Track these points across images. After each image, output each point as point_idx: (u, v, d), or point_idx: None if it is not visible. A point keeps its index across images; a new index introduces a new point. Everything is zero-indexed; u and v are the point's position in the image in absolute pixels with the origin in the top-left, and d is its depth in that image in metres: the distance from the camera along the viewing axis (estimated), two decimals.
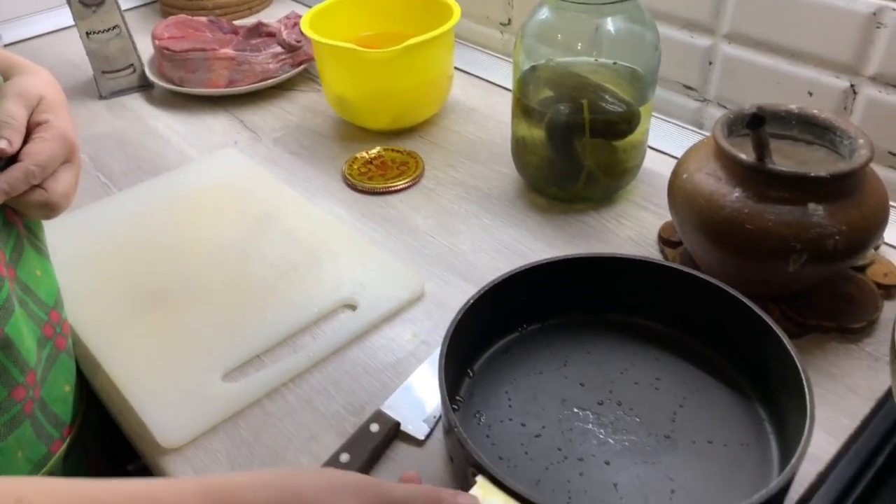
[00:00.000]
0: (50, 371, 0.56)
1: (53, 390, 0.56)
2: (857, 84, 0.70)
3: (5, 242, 0.52)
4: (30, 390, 0.52)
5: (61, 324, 0.57)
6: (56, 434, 0.56)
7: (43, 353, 0.54)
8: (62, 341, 0.57)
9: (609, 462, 0.51)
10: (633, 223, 0.73)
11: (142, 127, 0.95)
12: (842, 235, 0.53)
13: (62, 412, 0.57)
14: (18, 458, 0.52)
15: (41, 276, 0.56)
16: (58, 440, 0.56)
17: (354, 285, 0.66)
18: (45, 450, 0.55)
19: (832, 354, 0.58)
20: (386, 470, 0.52)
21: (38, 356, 0.53)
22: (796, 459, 0.44)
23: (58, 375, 0.57)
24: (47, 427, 0.55)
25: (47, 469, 0.55)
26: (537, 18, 0.70)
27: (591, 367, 0.58)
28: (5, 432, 0.51)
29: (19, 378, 0.51)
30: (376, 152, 0.85)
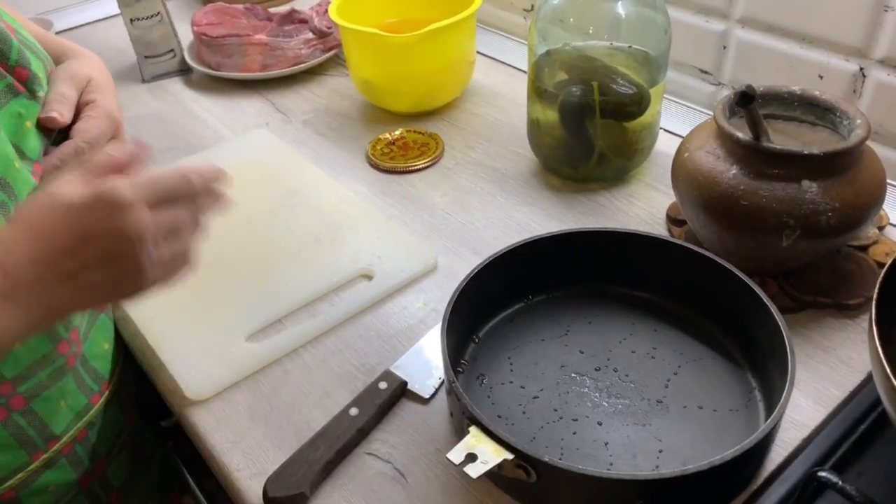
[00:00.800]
0: (91, 330, 0.61)
1: (94, 347, 0.61)
2: (866, 67, 0.71)
3: None
4: (73, 346, 0.58)
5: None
6: (96, 388, 0.61)
7: (85, 313, 0.59)
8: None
9: (602, 423, 0.54)
10: (644, 202, 0.76)
11: (180, 109, 1.00)
12: (834, 212, 0.55)
13: (102, 368, 0.62)
14: (62, 407, 0.58)
15: None
16: (97, 393, 0.61)
17: (372, 257, 0.70)
18: (85, 401, 0.60)
19: (827, 329, 0.60)
20: (392, 424, 0.56)
21: (81, 315, 0.58)
22: (772, 419, 0.46)
23: (98, 334, 0.62)
24: (88, 381, 0.60)
25: (87, 419, 0.60)
26: (551, 3, 0.72)
27: (592, 335, 0.61)
28: (49, 383, 0.56)
29: (64, 334, 0.56)
30: (399, 133, 0.89)
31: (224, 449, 0.55)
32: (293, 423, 0.56)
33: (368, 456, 0.54)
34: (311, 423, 0.56)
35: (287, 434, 0.55)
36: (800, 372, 0.57)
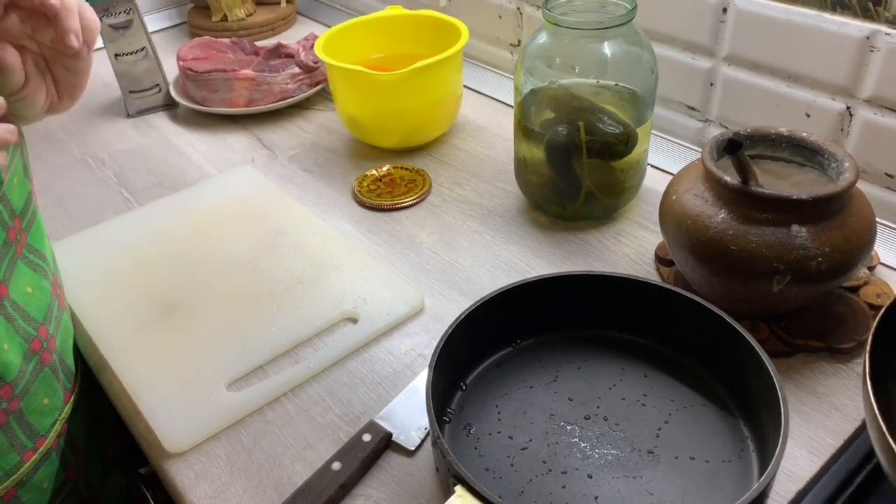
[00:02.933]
0: (33, 384, 0.58)
1: (33, 402, 0.58)
2: (852, 106, 0.70)
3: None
4: (3, 402, 0.54)
5: (49, 339, 0.59)
6: (29, 444, 0.58)
7: (28, 367, 0.56)
8: (48, 356, 0.59)
9: (592, 475, 0.52)
10: (632, 241, 0.75)
11: (165, 144, 0.99)
12: (825, 257, 0.54)
13: (38, 423, 0.59)
14: None
15: (32, 292, 0.58)
16: (30, 450, 0.58)
17: (357, 299, 0.69)
18: (17, 458, 0.57)
19: (820, 374, 0.59)
20: (376, 479, 0.54)
21: (22, 369, 0.55)
22: (766, 476, 0.45)
23: (39, 389, 0.59)
24: (21, 437, 0.57)
25: (17, 477, 0.57)
26: (536, 42, 0.72)
27: (581, 382, 0.59)
28: None
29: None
30: (386, 170, 0.88)
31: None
32: (274, 477, 0.55)
33: None
34: (293, 478, 0.54)
35: (268, 489, 0.54)
36: (793, 420, 0.56)
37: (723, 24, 0.77)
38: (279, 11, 1.29)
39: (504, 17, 1.03)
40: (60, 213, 0.86)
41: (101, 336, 0.67)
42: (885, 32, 0.65)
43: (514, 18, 1.02)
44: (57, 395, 0.61)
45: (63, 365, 0.62)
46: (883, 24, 0.65)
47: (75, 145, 0.99)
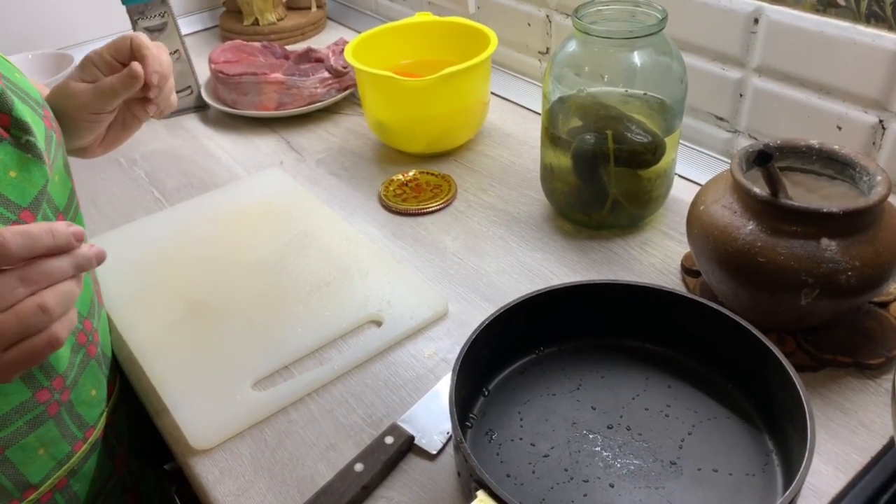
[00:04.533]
0: (81, 376, 0.59)
1: (82, 394, 0.59)
2: (885, 119, 0.70)
3: None
4: (55, 393, 0.55)
5: (93, 333, 0.60)
6: (79, 434, 0.59)
7: (76, 359, 0.58)
8: (93, 349, 0.60)
9: (613, 485, 0.52)
10: (658, 251, 0.75)
11: (196, 146, 1.00)
12: (855, 271, 0.54)
13: (87, 414, 0.60)
14: (41, 455, 0.55)
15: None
16: (80, 440, 0.59)
17: (381, 302, 0.69)
18: (68, 448, 0.58)
19: (848, 389, 0.59)
20: (398, 481, 0.55)
21: (71, 361, 0.57)
22: (791, 490, 0.44)
23: (87, 381, 0.60)
24: (72, 427, 0.58)
25: (69, 466, 0.58)
26: (566, 51, 0.72)
27: (604, 391, 0.59)
28: (26, 430, 0.54)
29: (44, 382, 0.54)
30: (412, 175, 0.89)
31: (227, 502, 0.54)
32: (297, 476, 0.55)
33: None
34: (316, 478, 0.55)
35: (290, 488, 0.54)
36: (819, 435, 0.55)
37: (754, 34, 0.77)
38: (309, 16, 1.31)
39: (533, 25, 1.03)
40: (93, 211, 0.88)
41: (131, 333, 0.68)
42: None
43: (543, 26, 1.02)
44: (102, 387, 0.62)
45: (105, 358, 0.64)
46: None
47: None
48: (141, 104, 0.63)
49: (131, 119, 0.65)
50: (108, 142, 0.67)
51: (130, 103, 0.64)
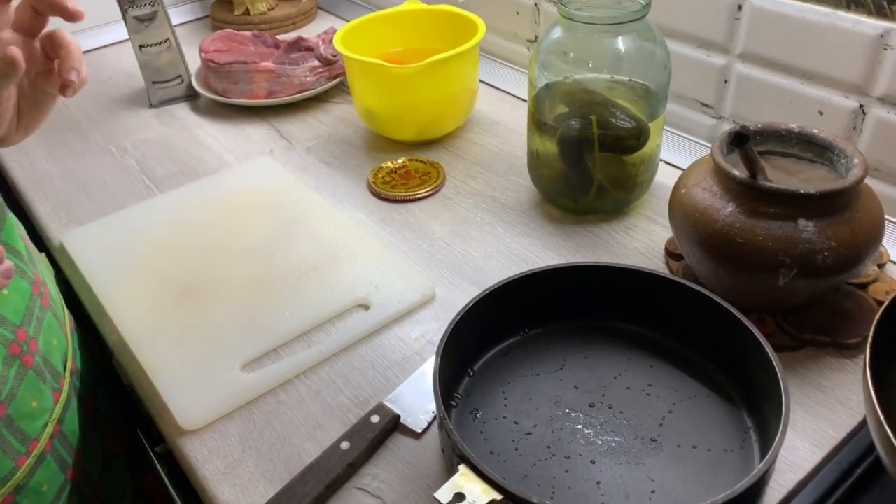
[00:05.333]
0: (18, 388, 0.56)
1: (21, 406, 0.56)
2: (865, 104, 0.71)
3: None
4: None
5: (29, 342, 0.57)
6: (22, 449, 0.57)
7: (10, 371, 0.55)
8: (30, 359, 0.57)
9: (595, 461, 0.53)
10: (643, 235, 0.76)
11: (186, 134, 1.01)
12: (831, 251, 0.55)
13: (29, 427, 0.58)
14: None
15: (8, 294, 0.56)
16: (24, 455, 0.57)
17: (369, 287, 0.70)
18: (11, 465, 0.56)
19: (826, 368, 0.60)
20: (384, 459, 0.56)
21: (4, 375, 0.54)
22: (764, 463, 0.45)
23: (25, 393, 0.57)
24: (13, 443, 0.56)
25: (13, 482, 0.56)
26: (551, 37, 0.73)
27: (587, 371, 0.60)
28: None
29: None
30: (401, 162, 0.90)
31: (215, 480, 0.55)
32: (284, 455, 0.56)
33: (359, 491, 0.53)
34: (303, 456, 0.56)
35: (278, 466, 0.55)
36: (797, 412, 0.57)
37: (738, 21, 0.78)
38: (300, 6, 1.31)
39: (521, 13, 1.04)
40: (83, 199, 0.88)
41: (121, 318, 0.69)
42: None
43: (531, 14, 1.03)
44: (45, 398, 0.59)
45: (48, 365, 0.61)
46: None
47: (99, 134, 1.02)
48: (48, 79, 0.52)
49: (43, 97, 0.55)
50: (26, 125, 0.56)
51: (36, 81, 0.53)
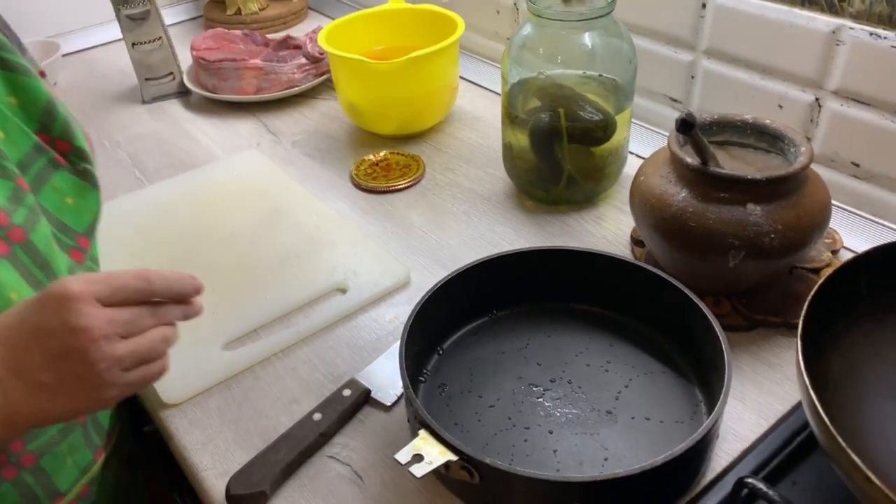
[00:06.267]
0: None
1: None
2: (821, 98, 0.74)
3: None
4: None
5: None
6: (100, 443, 0.60)
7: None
8: None
9: (552, 431, 0.56)
10: (611, 224, 0.79)
11: (177, 129, 1.04)
12: (777, 234, 0.58)
13: (105, 422, 0.61)
14: (68, 464, 0.56)
15: None
16: (100, 448, 0.60)
17: (347, 272, 0.73)
18: (90, 457, 0.58)
19: (776, 347, 0.63)
20: (354, 430, 0.59)
21: None
22: (703, 428, 0.48)
23: None
24: (94, 436, 0.59)
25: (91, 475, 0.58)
26: (522, 34, 0.76)
27: (550, 349, 0.63)
28: (59, 438, 0.54)
29: None
30: (383, 155, 0.93)
31: (194, 450, 0.58)
32: (260, 427, 0.59)
33: (329, 459, 0.56)
34: (278, 427, 0.59)
35: (254, 437, 0.58)
36: (746, 387, 0.60)
37: (702, 18, 0.81)
38: (291, 6, 1.35)
39: (502, 13, 1.07)
40: None
41: None
42: (850, 27, 0.69)
43: (510, 13, 1.06)
44: None
45: None
46: (847, 19, 0.69)
47: (93, 129, 1.05)
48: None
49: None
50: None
51: None
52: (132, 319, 0.45)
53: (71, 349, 0.42)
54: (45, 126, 0.55)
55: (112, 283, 0.44)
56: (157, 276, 0.46)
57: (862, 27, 0.68)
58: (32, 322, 0.43)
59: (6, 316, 0.44)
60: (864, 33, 0.68)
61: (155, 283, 0.46)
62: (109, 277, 0.44)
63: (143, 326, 0.45)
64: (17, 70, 0.53)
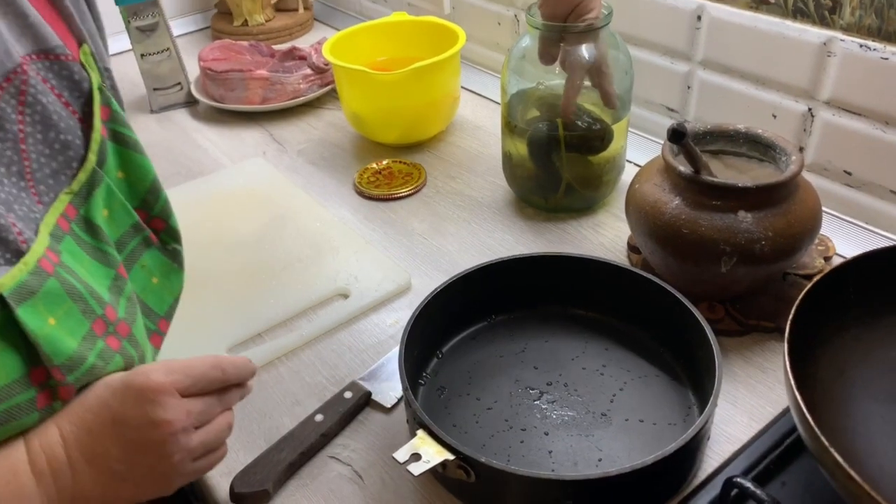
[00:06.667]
0: None
1: None
2: (814, 108, 0.75)
3: None
4: None
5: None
6: None
7: None
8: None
9: (548, 433, 0.58)
10: (609, 231, 0.80)
11: (184, 138, 1.06)
12: (768, 241, 0.59)
13: None
14: None
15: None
16: None
17: (349, 277, 0.75)
18: None
19: (769, 351, 0.64)
20: (355, 431, 0.60)
21: None
22: (693, 429, 0.50)
23: None
24: None
25: None
26: (521, 45, 0.78)
27: (547, 353, 0.65)
28: None
29: None
30: (385, 164, 0.95)
31: None
32: (264, 428, 0.61)
33: (330, 459, 0.58)
34: (280, 429, 0.60)
35: (257, 438, 0.60)
36: (738, 390, 0.61)
37: (698, 30, 0.83)
38: (297, 17, 1.37)
39: (503, 24, 1.09)
40: None
41: None
42: (840, 39, 0.70)
43: (511, 25, 1.08)
44: None
45: None
46: (838, 31, 0.70)
47: None
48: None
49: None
50: None
51: None
52: (206, 409, 0.46)
53: (150, 442, 0.43)
54: (147, 204, 0.53)
55: (191, 373, 0.45)
56: (229, 365, 0.48)
57: (852, 39, 0.70)
58: (113, 409, 0.43)
59: (86, 397, 0.44)
60: (855, 45, 0.70)
61: (228, 371, 0.48)
62: (188, 367, 0.45)
63: (214, 415, 0.47)
64: (130, 146, 0.52)
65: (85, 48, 0.49)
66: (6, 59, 0.43)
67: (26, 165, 0.44)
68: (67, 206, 0.46)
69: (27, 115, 0.44)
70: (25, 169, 0.44)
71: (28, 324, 0.40)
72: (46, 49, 0.46)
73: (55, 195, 0.46)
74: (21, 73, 0.44)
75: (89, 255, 0.47)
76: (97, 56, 0.50)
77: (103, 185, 0.48)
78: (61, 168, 0.46)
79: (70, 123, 0.47)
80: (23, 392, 0.41)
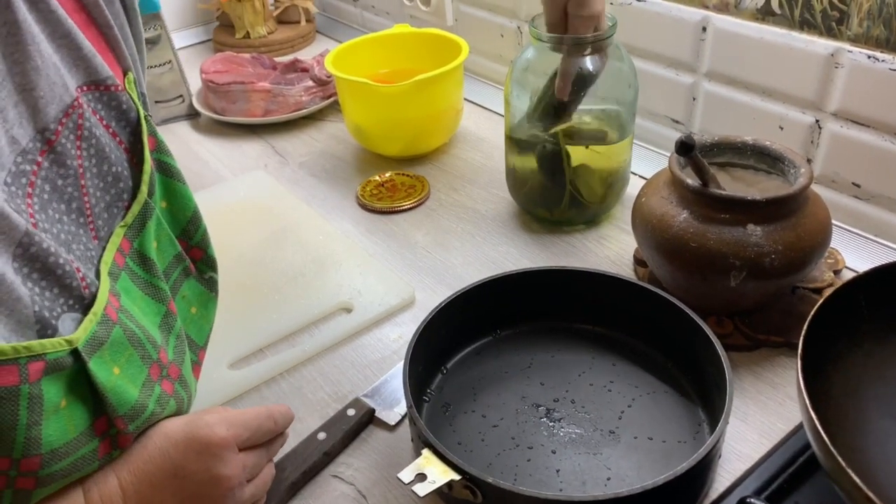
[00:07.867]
0: None
1: None
2: (821, 119, 0.75)
3: None
4: None
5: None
6: None
7: None
8: None
9: (555, 451, 0.57)
10: (614, 244, 0.79)
11: (186, 150, 1.06)
12: (778, 255, 0.58)
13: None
14: None
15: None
16: None
17: (352, 291, 0.74)
18: None
19: (779, 367, 0.63)
20: (358, 449, 0.59)
21: None
22: (705, 448, 0.49)
23: None
24: None
25: None
26: (524, 57, 0.77)
27: (553, 369, 0.64)
28: None
29: None
30: (388, 176, 0.94)
31: None
32: None
33: (333, 478, 0.57)
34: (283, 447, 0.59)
35: None
36: (749, 407, 0.60)
37: (703, 42, 0.82)
38: (299, 30, 1.37)
39: (506, 36, 1.09)
40: None
41: None
42: (848, 50, 0.70)
43: (514, 37, 1.08)
44: None
45: None
46: (846, 42, 0.70)
47: None
48: None
49: None
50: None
51: None
52: (258, 462, 0.47)
53: (207, 496, 0.43)
54: (187, 234, 0.53)
55: (249, 425, 0.46)
56: (279, 415, 0.49)
57: (860, 50, 0.69)
58: (175, 462, 0.43)
59: (144, 447, 0.43)
60: (863, 56, 0.69)
61: (279, 422, 0.49)
62: (246, 421, 0.46)
63: (262, 467, 0.48)
64: (173, 175, 0.51)
65: (129, 76, 0.48)
66: (64, 93, 0.42)
67: (86, 201, 0.44)
68: (122, 239, 0.45)
69: (83, 150, 0.43)
70: (85, 205, 0.44)
71: (98, 375, 0.39)
72: (98, 80, 0.45)
73: (110, 230, 0.45)
74: (77, 106, 0.43)
75: (142, 291, 0.46)
76: (138, 82, 0.50)
77: (154, 217, 0.48)
78: (113, 201, 0.46)
79: (118, 155, 0.46)
80: (88, 443, 0.40)
